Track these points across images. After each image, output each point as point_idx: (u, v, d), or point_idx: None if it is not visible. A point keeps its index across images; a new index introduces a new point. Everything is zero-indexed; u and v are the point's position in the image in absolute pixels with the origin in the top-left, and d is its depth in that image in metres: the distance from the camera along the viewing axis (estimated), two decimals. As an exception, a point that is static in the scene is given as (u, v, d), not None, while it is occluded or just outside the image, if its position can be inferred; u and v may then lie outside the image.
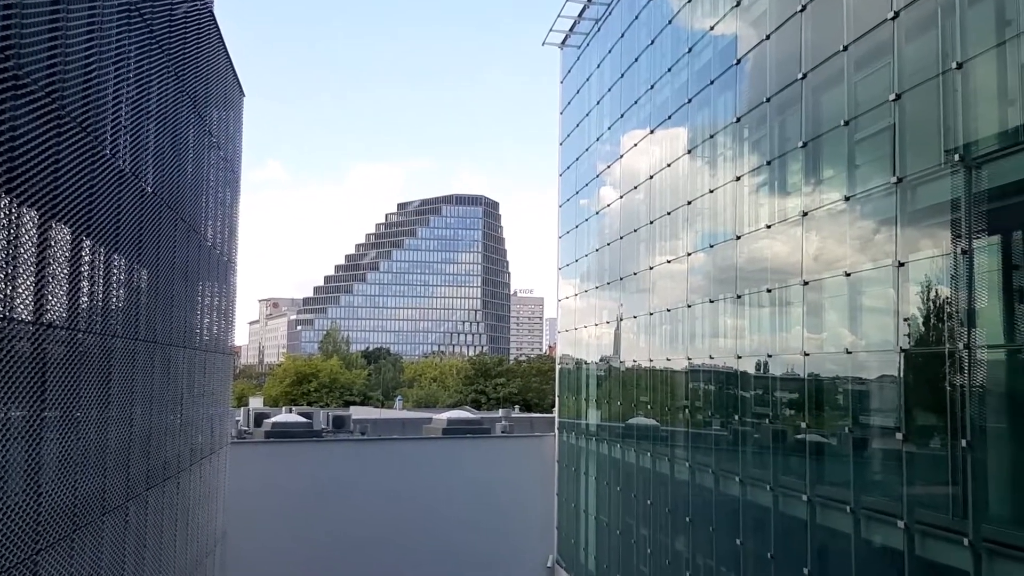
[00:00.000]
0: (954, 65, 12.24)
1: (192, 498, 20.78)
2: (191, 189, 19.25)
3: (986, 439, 11.70)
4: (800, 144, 16.67)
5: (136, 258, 14.43)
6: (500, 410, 70.83)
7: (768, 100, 18.14)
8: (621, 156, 28.74)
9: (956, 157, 12.10)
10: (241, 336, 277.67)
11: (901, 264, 13.33)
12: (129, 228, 13.82)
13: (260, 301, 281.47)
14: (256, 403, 65.37)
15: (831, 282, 15.69)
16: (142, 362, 14.78)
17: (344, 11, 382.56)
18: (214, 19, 21.16)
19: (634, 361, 27.15)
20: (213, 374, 22.86)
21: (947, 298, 12.52)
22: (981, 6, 12.51)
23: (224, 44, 22.68)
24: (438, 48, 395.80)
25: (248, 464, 34.32)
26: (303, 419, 46.87)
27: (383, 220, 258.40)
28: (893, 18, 13.65)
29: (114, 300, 13.29)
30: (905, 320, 13.48)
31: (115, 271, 13.24)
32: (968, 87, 12.21)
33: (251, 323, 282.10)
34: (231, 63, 24.11)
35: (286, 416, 47.97)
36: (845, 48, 15.05)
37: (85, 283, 11.62)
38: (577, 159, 34.32)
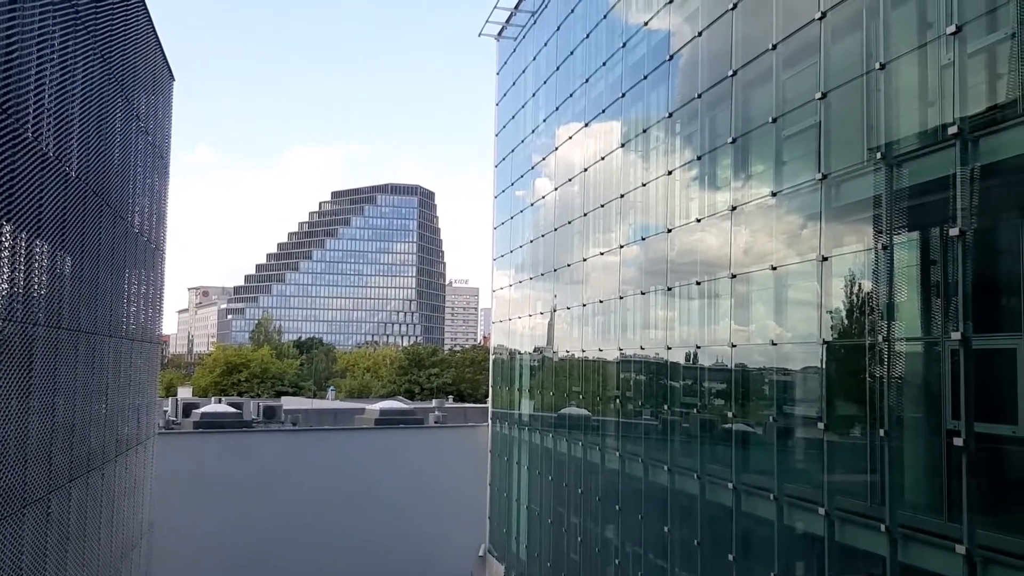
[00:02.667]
0: (877, 66, 12.59)
1: (117, 490, 20.38)
2: (118, 174, 18.82)
3: (903, 429, 12.12)
4: (730, 140, 16.98)
5: (59, 244, 14.07)
6: (434, 400, 70.79)
7: (699, 96, 18.43)
8: (556, 148, 28.91)
9: (878, 155, 12.48)
10: (170, 325, 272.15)
11: (825, 259, 13.70)
12: (52, 213, 13.47)
13: (190, 289, 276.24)
14: (185, 393, 64.22)
15: (759, 275, 16.05)
16: (65, 351, 14.44)
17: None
18: (143, 1, 20.69)
19: (567, 351, 27.38)
20: (140, 363, 22.42)
21: (868, 292, 12.92)
22: (904, 8, 12.89)
23: (153, 26, 22.19)
24: (376, 34, 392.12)
25: (176, 455, 33.75)
26: (233, 409, 46.27)
27: (317, 208, 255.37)
28: (820, 18, 13.98)
29: (36, 287, 12.96)
30: (828, 313, 13.87)
31: (37, 258, 12.90)
32: (890, 87, 12.58)
33: (180, 312, 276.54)
34: (160, 46, 23.60)
35: (215, 406, 47.30)
36: (774, 47, 15.36)
37: (5, 269, 11.31)
38: (513, 150, 34.40)
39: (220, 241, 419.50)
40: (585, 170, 25.81)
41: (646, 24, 21.88)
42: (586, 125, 26.03)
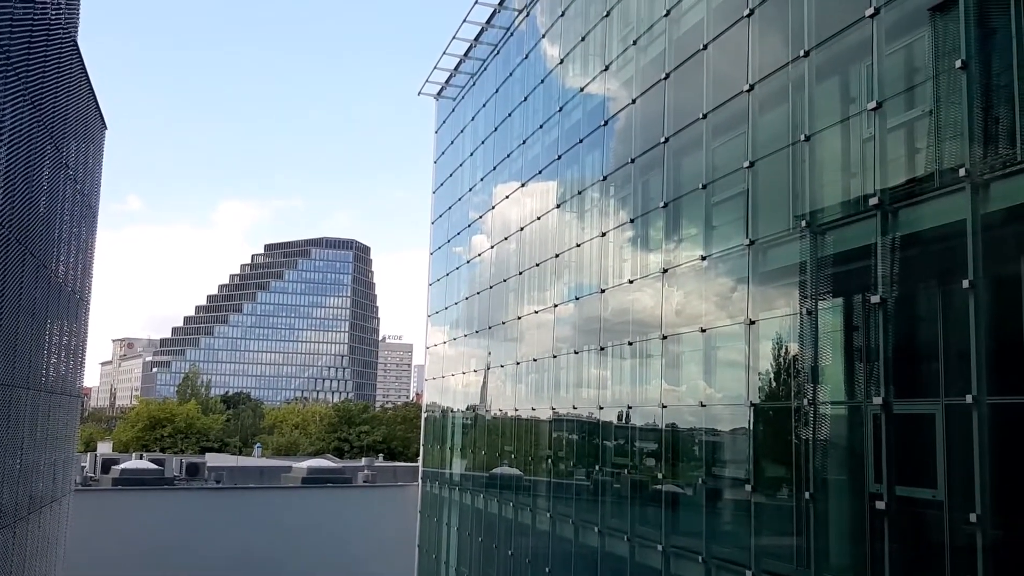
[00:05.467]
0: (803, 137, 13.06)
1: (30, 549, 19.51)
2: (43, 223, 18.39)
3: (827, 492, 12.31)
4: (662, 204, 17.35)
5: (-22, 293, 13.63)
6: (363, 459, 69.62)
7: (633, 161, 18.84)
8: (493, 207, 29.15)
9: (803, 223, 12.87)
10: (92, 377, 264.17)
11: (752, 322, 13.98)
12: (-28, 261, 13.06)
13: (114, 341, 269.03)
14: (105, 448, 62.20)
15: (689, 337, 16.28)
16: (-21, 404, 13.89)
17: (218, 44, 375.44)
18: (77, 49, 20.47)
19: (500, 410, 27.28)
20: (58, 417, 21.66)
21: (794, 355, 13.20)
22: (828, 84, 13.43)
23: (87, 75, 21.93)
24: (312, 89, 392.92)
25: (93, 513, 32.53)
26: (154, 466, 44.92)
27: (249, 261, 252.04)
28: (748, 90, 14.48)
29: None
30: (757, 375, 14.11)
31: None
32: (815, 158, 13.05)
33: (103, 364, 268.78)
34: (94, 95, 23.31)
35: (136, 462, 45.88)
36: (704, 116, 15.83)
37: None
38: (450, 208, 34.57)
39: (148, 292, 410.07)
40: (521, 229, 26.05)
41: (582, 90, 22.38)
42: (523, 185, 26.35)
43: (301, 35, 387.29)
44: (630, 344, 18.61)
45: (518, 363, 25.73)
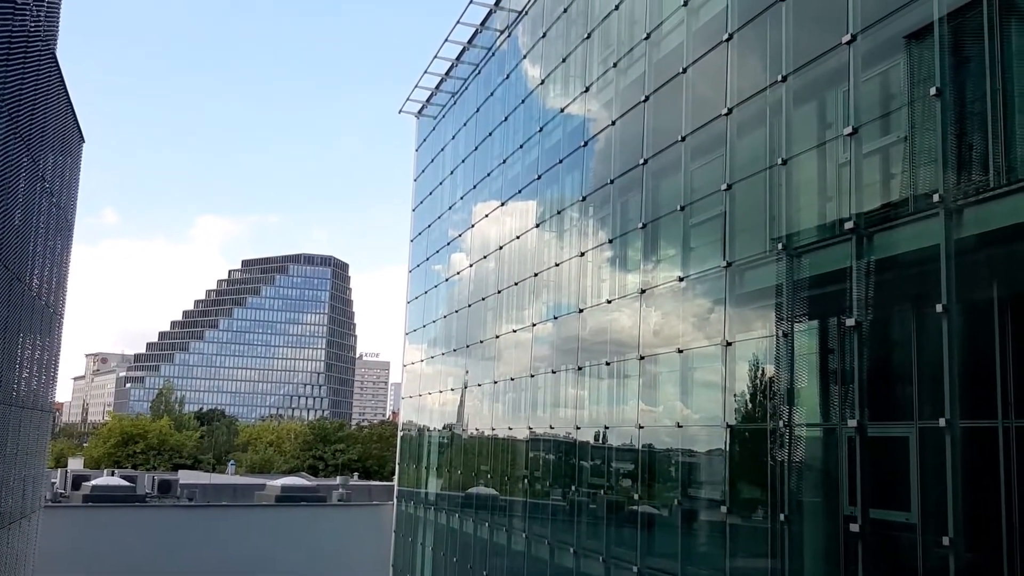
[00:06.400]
0: (780, 161, 13.18)
1: (-5, 567, 19.20)
2: (18, 236, 18.22)
3: (802, 514, 12.34)
4: (640, 225, 17.44)
5: (-51, 306, 13.48)
6: (338, 477, 69.09)
7: (612, 182, 18.94)
8: (472, 226, 29.18)
9: (779, 246, 12.96)
10: (64, 392, 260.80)
11: (729, 343, 14.04)
12: (-56, 273, 12.92)
13: (87, 356, 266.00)
14: (76, 464, 61.40)
15: (666, 357, 16.32)
16: (-52, 418, 13.70)
17: (199, 58, 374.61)
18: (56, 61, 20.37)
19: (477, 429, 27.19)
20: (28, 432, 21.39)
21: (770, 377, 13.26)
22: (805, 109, 13.58)
23: (65, 87, 21.81)
24: (291, 104, 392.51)
25: (63, 530, 32.07)
26: (125, 483, 44.41)
27: (226, 276, 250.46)
28: (727, 114, 14.61)
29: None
30: (733, 397, 14.16)
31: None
32: (792, 182, 13.17)
33: (76, 378, 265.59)
34: (72, 107, 23.17)
35: (107, 479, 45.34)
36: (683, 139, 15.95)
37: None
38: (429, 226, 34.58)
39: (123, 307, 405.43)
40: (500, 248, 26.07)
41: (563, 110, 22.50)
42: (503, 204, 26.40)
43: (281, 51, 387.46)
44: (608, 364, 18.64)
45: (495, 382, 25.68)
